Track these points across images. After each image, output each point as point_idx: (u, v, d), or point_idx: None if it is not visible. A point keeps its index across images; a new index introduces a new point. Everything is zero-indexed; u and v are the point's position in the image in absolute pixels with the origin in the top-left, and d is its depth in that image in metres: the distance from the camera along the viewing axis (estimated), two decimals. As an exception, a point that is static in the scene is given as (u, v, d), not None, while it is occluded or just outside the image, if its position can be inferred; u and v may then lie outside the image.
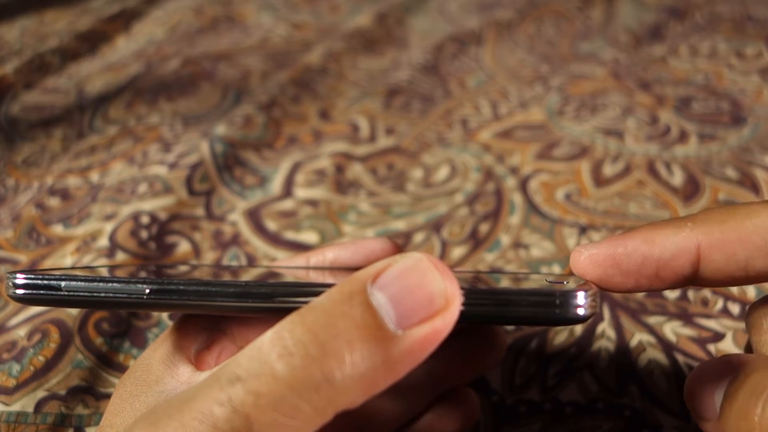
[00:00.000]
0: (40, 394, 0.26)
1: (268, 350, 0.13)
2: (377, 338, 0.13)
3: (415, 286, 0.13)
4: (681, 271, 0.16)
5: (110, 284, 0.17)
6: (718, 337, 0.28)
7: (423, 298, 0.13)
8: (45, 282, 0.17)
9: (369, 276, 0.14)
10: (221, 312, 0.17)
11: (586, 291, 0.15)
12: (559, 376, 0.27)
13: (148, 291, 0.16)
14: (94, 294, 0.17)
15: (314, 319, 0.13)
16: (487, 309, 0.15)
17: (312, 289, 0.16)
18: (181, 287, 0.16)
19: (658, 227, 0.16)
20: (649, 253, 0.16)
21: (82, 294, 0.17)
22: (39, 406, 0.26)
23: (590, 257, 0.16)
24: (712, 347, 0.27)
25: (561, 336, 0.29)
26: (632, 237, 0.16)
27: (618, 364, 0.27)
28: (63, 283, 0.17)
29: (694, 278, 0.16)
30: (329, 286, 0.14)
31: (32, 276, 0.17)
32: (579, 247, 0.17)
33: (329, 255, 0.22)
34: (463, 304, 0.14)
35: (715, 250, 0.15)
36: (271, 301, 0.16)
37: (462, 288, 0.14)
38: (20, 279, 0.17)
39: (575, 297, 0.15)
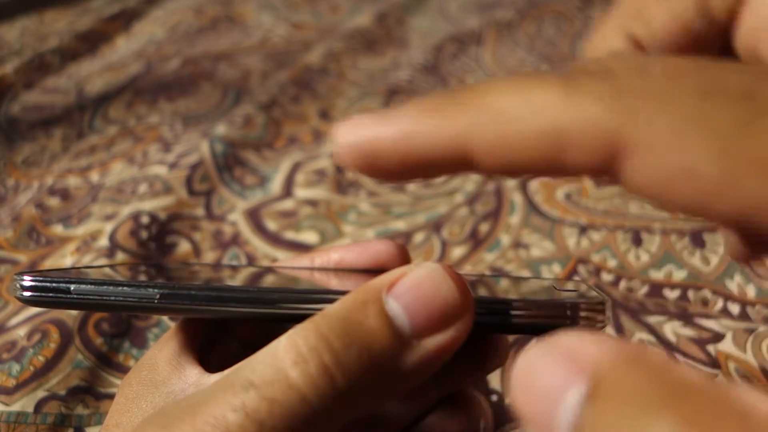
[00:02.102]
0: (40, 394, 0.26)
1: (283, 357, 0.13)
2: (392, 347, 0.13)
3: (430, 296, 0.13)
4: (450, 167, 0.13)
5: (120, 288, 0.16)
6: (718, 337, 0.28)
7: (438, 308, 0.13)
8: (54, 284, 0.17)
9: (384, 284, 0.14)
10: (232, 317, 0.17)
11: (596, 302, 0.15)
12: (559, 376, 0.27)
13: (158, 296, 0.16)
14: (104, 297, 0.16)
15: (329, 327, 0.13)
16: (498, 319, 0.15)
17: (325, 296, 0.16)
18: (193, 292, 0.16)
19: (421, 116, 0.12)
20: (408, 153, 0.12)
21: (91, 297, 0.17)
22: (39, 406, 0.26)
23: (349, 149, 0.13)
24: (711, 348, 0.27)
25: (561, 336, 0.28)
26: (390, 125, 0.12)
27: (618, 364, 0.27)
28: (72, 286, 0.16)
29: (467, 169, 0.13)
30: (342, 293, 0.14)
31: (40, 278, 0.17)
32: (343, 129, 0.13)
33: (334, 256, 0.22)
34: (476, 314, 0.14)
35: (486, 156, 0.12)
36: (284, 308, 0.16)
37: (475, 298, 0.14)
38: (28, 281, 0.17)
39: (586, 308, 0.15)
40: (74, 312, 0.29)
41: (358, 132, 0.13)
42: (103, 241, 0.34)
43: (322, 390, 0.13)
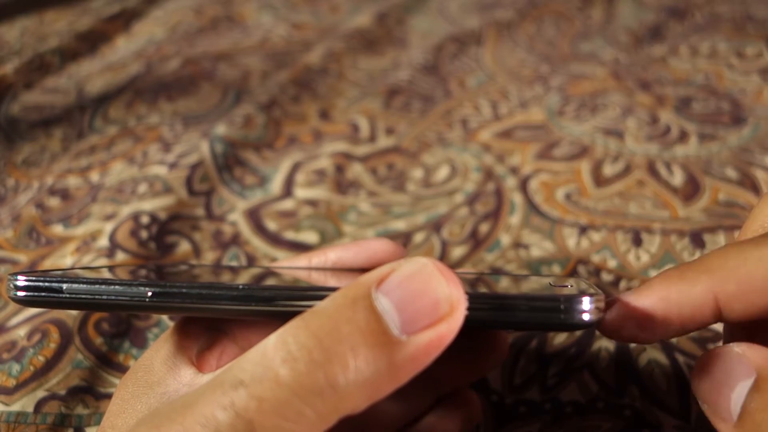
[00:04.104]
0: (40, 394, 0.26)
1: (272, 355, 0.13)
2: (381, 344, 0.13)
3: (419, 292, 0.13)
4: (703, 320, 0.16)
5: (112, 287, 0.17)
6: (718, 336, 0.28)
7: (428, 303, 0.13)
8: (46, 284, 0.17)
9: (373, 280, 0.14)
10: (224, 315, 0.17)
11: (591, 296, 0.15)
12: (559, 375, 0.27)
13: (150, 294, 0.16)
14: (96, 296, 0.17)
15: (318, 324, 0.13)
16: (491, 314, 0.15)
17: (315, 293, 0.16)
18: (184, 290, 0.16)
19: (672, 282, 0.16)
20: (668, 311, 0.16)
21: (83, 296, 0.17)
22: (39, 406, 0.26)
23: (610, 323, 0.16)
24: (711, 347, 0.27)
25: (561, 336, 0.29)
26: (647, 295, 0.16)
27: (618, 364, 0.27)
28: (65, 286, 0.17)
29: (717, 320, 0.16)
30: (333, 289, 0.14)
31: (33, 278, 0.17)
32: (610, 311, 0.17)
33: (331, 256, 0.22)
34: (468, 309, 0.14)
35: (734, 301, 0.15)
36: (274, 304, 0.16)
37: (466, 293, 0.14)
38: (21, 281, 0.17)
39: (580, 302, 0.15)
40: (74, 312, 0.29)
41: (622, 308, 0.16)
42: (103, 241, 0.35)
43: (311, 388, 0.13)
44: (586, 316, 0.15)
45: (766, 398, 0.14)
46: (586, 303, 0.15)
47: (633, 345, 0.28)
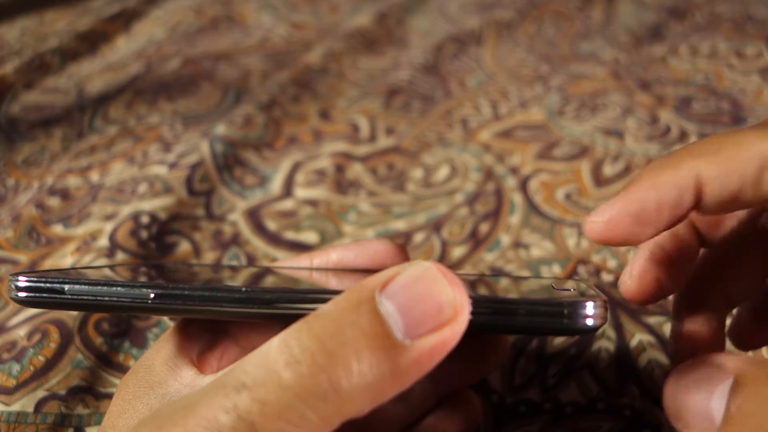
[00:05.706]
0: (40, 394, 0.26)
1: (275, 358, 0.13)
2: (385, 348, 0.13)
3: (423, 296, 0.13)
4: (687, 205, 0.16)
5: (114, 288, 0.16)
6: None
7: (431, 307, 0.13)
8: (48, 285, 0.17)
9: (377, 284, 0.14)
10: (226, 317, 0.17)
11: (594, 301, 0.15)
12: (559, 375, 0.27)
13: (152, 296, 0.16)
14: (98, 298, 0.16)
15: (322, 327, 0.13)
16: (494, 318, 0.15)
17: (318, 296, 0.16)
18: (186, 292, 0.16)
19: (658, 170, 0.16)
20: (660, 197, 0.16)
21: (85, 297, 0.17)
22: (39, 405, 0.26)
23: (609, 223, 0.16)
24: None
25: (561, 336, 0.29)
26: (640, 187, 0.16)
27: (618, 364, 0.27)
28: (66, 287, 0.16)
29: (696, 206, 0.16)
30: (336, 292, 0.14)
31: (35, 279, 0.17)
32: (591, 217, 0.16)
33: (333, 256, 0.22)
34: (471, 314, 0.14)
35: (713, 183, 0.16)
36: (277, 307, 0.16)
37: (470, 297, 0.14)
38: (23, 281, 0.17)
39: (584, 307, 0.14)
40: (74, 312, 0.29)
41: (615, 208, 0.16)
42: (103, 241, 0.35)
43: (314, 391, 0.13)
44: (589, 321, 0.15)
45: (749, 393, 0.14)
46: (589, 308, 0.14)
47: (633, 345, 0.28)
